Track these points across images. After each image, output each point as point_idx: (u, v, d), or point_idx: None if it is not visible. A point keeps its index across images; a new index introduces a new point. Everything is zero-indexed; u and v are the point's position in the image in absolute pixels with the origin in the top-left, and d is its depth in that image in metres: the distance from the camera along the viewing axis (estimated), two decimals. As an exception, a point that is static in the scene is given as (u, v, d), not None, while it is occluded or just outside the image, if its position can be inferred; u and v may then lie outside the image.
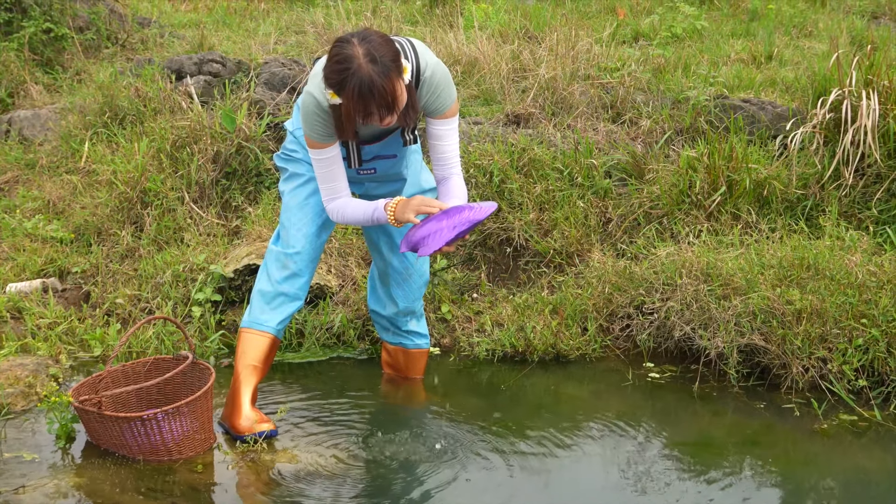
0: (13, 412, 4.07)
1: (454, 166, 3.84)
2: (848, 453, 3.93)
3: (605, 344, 4.86)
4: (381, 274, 4.29)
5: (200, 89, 6.48)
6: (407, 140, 3.85)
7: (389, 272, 4.23)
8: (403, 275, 4.22)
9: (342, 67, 3.38)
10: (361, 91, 3.37)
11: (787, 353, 4.41)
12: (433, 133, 3.80)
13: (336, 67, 3.40)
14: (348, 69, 3.36)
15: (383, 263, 4.23)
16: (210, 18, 9.18)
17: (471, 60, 6.72)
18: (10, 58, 7.64)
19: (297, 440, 3.90)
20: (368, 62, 3.36)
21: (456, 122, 3.81)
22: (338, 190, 3.77)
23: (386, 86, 3.38)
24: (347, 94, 3.40)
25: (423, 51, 3.68)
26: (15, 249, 5.64)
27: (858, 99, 5.31)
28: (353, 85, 3.37)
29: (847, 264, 4.59)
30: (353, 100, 3.40)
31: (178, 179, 5.83)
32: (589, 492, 3.60)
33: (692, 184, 5.32)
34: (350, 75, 3.36)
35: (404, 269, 4.20)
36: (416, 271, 4.22)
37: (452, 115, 3.79)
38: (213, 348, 4.78)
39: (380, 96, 3.39)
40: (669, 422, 4.20)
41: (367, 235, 4.29)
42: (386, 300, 4.32)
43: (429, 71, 3.66)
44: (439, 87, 3.69)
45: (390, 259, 4.20)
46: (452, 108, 3.77)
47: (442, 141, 3.80)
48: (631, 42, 7.67)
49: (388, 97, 3.41)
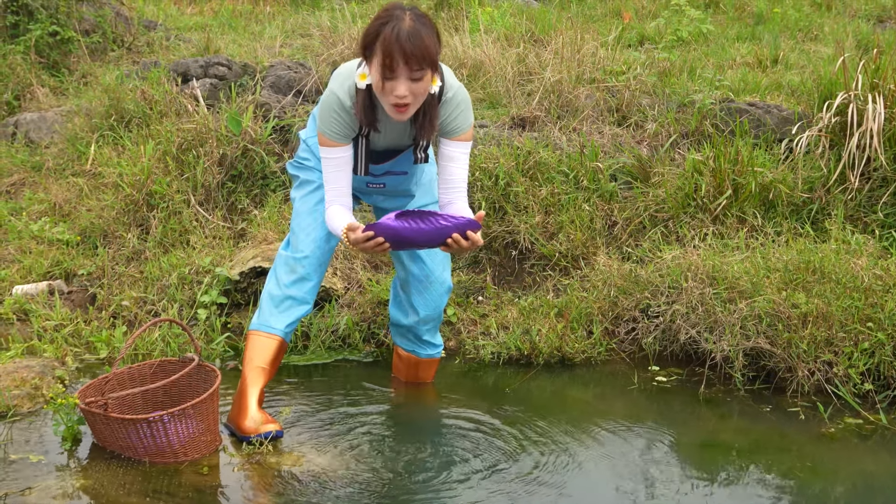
0: (19, 414, 4.08)
1: (461, 191, 3.82)
2: (854, 457, 3.92)
3: (610, 347, 4.86)
4: (402, 282, 4.29)
5: (206, 92, 6.50)
6: (418, 158, 3.87)
7: (410, 280, 4.23)
8: (424, 283, 4.21)
9: (386, 18, 3.42)
10: (399, 35, 3.38)
11: (792, 357, 4.40)
12: (446, 154, 3.81)
13: (379, 21, 3.43)
14: (391, 17, 3.41)
15: (404, 272, 4.24)
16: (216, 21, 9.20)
17: (476, 64, 6.72)
18: (16, 61, 7.67)
19: (302, 442, 3.90)
20: (412, 19, 3.41)
21: (469, 147, 3.82)
22: (339, 193, 3.77)
23: (426, 39, 3.41)
24: (384, 38, 3.40)
25: (449, 74, 3.73)
26: (21, 252, 5.65)
27: (864, 102, 5.31)
28: (393, 28, 3.39)
29: (853, 268, 4.59)
30: (388, 43, 3.39)
31: (184, 182, 5.84)
32: (594, 495, 3.59)
33: (698, 187, 5.32)
34: (392, 20, 3.40)
35: (424, 276, 4.20)
36: (437, 279, 4.21)
37: (467, 140, 3.80)
38: (219, 350, 4.79)
39: (416, 47, 3.39)
40: (675, 425, 4.19)
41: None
42: (408, 308, 4.31)
43: (451, 91, 3.70)
44: (459, 108, 3.72)
45: (410, 267, 4.20)
46: (468, 133, 3.78)
47: (453, 163, 3.80)
48: (636, 45, 7.67)
49: (422, 51, 3.41)
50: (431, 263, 4.18)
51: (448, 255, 4.25)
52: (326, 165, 3.76)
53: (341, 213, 3.74)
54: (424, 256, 4.15)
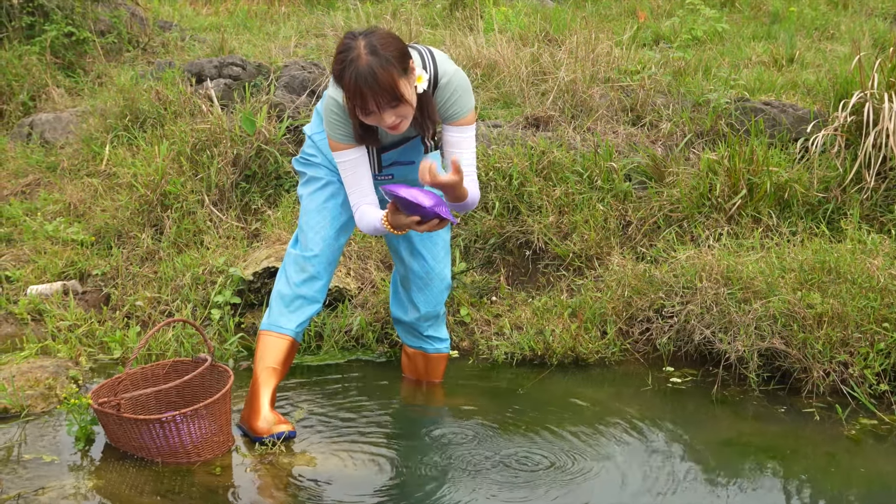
0: (33, 414, 4.09)
1: (468, 175, 3.77)
2: (869, 458, 3.90)
3: (624, 347, 4.84)
4: (402, 279, 4.29)
5: (220, 92, 6.51)
6: (428, 147, 3.86)
7: (410, 277, 4.23)
8: (424, 279, 4.21)
9: (342, 58, 3.41)
10: (357, 81, 3.38)
11: (807, 358, 4.38)
12: (448, 140, 3.79)
13: (337, 58, 3.44)
14: (346, 58, 3.39)
15: (404, 268, 4.24)
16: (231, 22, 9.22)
17: (490, 63, 6.71)
18: (32, 61, 7.70)
19: (315, 442, 3.90)
20: (367, 54, 3.38)
21: (472, 131, 3.79)
22: (363, 195, 3.77)
23: (383, 77, 3.38)
24: (345, 85, 3.43)
25: (443, 60, 3.69)
26: (36, 252, 5.67)
27: (880, 101, 5.28)
28: (350, 75, 3.39)
29: (868, 268, 4.56)
30: (351, 90, 3.42)
31: (198, 182, 5.85)
32: (609, 496, 3.57)
33: (712, 187, 5.30)
34: (348, 64, 3.38)
35: (425, 273, 4.20)
36: (437, 276, 4.22)
37: (468, 124, 3.77)
38: (232, 351, 4.79)
39: (377, 88, 3.39)
40: (690, 425, 4.17)
41: (387, 240, 4.29)
42: (408, 305, 4.31)
43: (446, 77, 3.67)
44: (456, 93, 3.69)
45: (411, 264, 4.20)
46: (469, 117, 3.75)
47: (456, 148, 3.78)
48: (651, 45, 7.64)
49: (385, 90, 3.40)
50: (432, 260, 4.18)
51: (448, 251, 4.26)
52: (344, 169, 3.76)
53: (371, 211, 3.74)
54: (425, 253, 4.16)
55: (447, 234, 4.25)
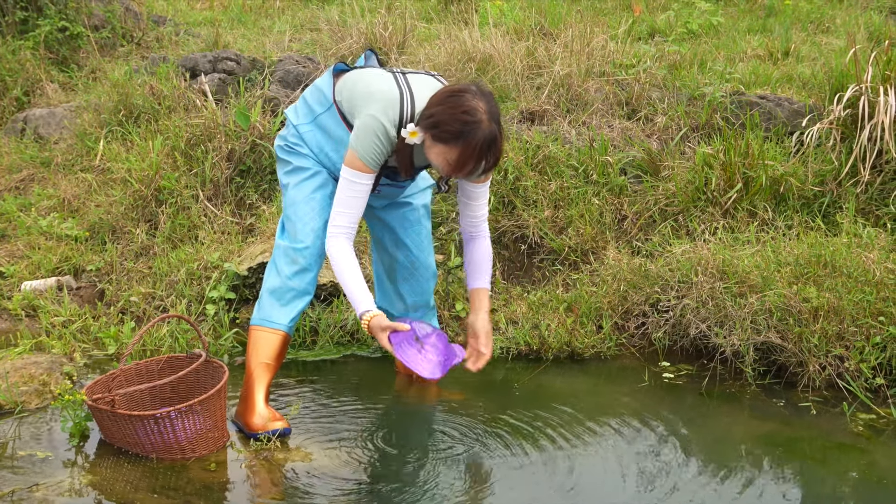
0: (27, 410, 4.08)
1: (482, 225, 3.95)
2: (865, 452, 3.90)
3: (620, 342, 4.83)
4: (386, 270, 4.29)
5: (215, 87, 6.49)
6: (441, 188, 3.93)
7: (396, 267, 4.22)
8: (410, 269, 4.21)
9: (467, 119, 3.42)
10: (483, 147, 3.44)
11: (803, 351, 4.38)
12: (468, 192, 3.89)
13: (460, 117, 3.43)
14: (473, 121, 3.42)
15: (388, 259, 4.23)
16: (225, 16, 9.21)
17: (485, 57, 6.70)
18: (25, 56, 7.69)
19: (310, 438, 3.89)
20: (490, 121, 3.44)
21: (489, 184, 3.93)
22: (349, 221, 3.75)
23: (502, 149, 3.51)
24: (468, 145, 3.44)
25: None
26: (30, 247, 5.65)
27: (876, 95, 5.27)
28: (479, 139, 3.42)
29: (864, 261, 4.56)
30: (473, 152, 3.45)
31: (193, 177, 5.84)
32: (604, 491, 3.57)
33: (708, 181, 5.29)
34: (475, 127, 3.41)
35: (410, 263, 4.20)
36: (422, 265, 4.22)
37: (487, 178, 3.88)
38: (227, 346, 4.78)
39: (495, 157, 3.49)
40: (685, 420, 4.17)
41: (370, 231, 4.28)
42: (394, 297, 4.30)
43: None
44: None
45: (395, 254, 4.19)
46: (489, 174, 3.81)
47: (476, 201, 3.92)
48: (646, 38, 7.64)
49: (498, 158, 3.52)
50: (416, 250, 4.19)
51: (431, 239, 4.29)
52: (350, 189, 3.72)
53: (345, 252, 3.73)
54: (409, 243, 4.17)
55: (429, 223, 4.25)
